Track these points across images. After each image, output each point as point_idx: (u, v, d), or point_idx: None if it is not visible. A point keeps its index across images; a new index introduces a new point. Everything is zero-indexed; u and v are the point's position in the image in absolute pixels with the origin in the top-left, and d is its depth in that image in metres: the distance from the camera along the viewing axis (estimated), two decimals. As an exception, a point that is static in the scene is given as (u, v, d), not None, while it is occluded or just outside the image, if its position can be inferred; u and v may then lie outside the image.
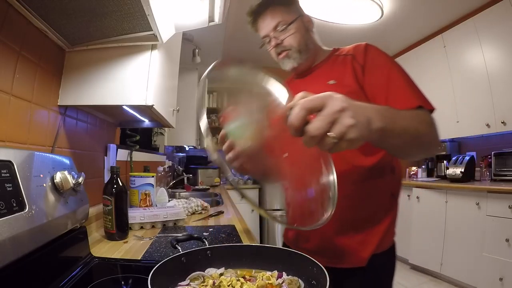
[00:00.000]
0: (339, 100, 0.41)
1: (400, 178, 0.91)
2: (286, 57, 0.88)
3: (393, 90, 0.73)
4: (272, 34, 0.87)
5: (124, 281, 0.74)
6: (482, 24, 2.60)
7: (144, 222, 1.21)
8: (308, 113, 0.41)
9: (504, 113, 2.44)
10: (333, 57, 0.89)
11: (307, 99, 0.41)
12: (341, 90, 0.76)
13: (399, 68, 0.77)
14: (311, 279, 0.54)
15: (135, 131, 1.64)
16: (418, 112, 0.65)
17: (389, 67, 0.76)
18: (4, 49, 0.67)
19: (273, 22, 0.86)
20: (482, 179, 2.68)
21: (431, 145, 0.64)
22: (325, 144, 0.40)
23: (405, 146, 0.57)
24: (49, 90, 0.87)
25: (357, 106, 0.43)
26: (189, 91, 3.15)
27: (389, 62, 0.78)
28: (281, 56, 0.88)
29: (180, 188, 2.79)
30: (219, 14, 0.96)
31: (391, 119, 0.50)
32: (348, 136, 0.40)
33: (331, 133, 0.39)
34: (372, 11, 2.77)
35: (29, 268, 0.57)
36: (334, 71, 0.85)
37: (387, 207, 0.84)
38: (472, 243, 2.33)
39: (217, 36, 2.64)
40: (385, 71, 0.76)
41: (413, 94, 0.71)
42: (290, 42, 0.86)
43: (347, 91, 0.75)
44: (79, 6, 0.71)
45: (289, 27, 0.85)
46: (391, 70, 0.76)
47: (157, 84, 0.99)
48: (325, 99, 0.41)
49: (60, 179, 0.69)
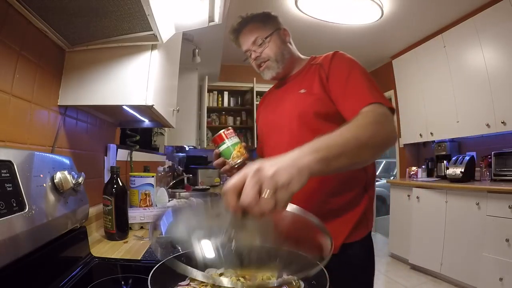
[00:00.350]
0: (256, 168, 0.43)
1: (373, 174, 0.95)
2: (266, 68, 0.98)
3: (349, 93, 0.80)
4: (252, 48, 0.98)
5: (124, 281, 0.74)
6: (482, 24, 2.60)
7: (144, 222, 1.21)
8: (236, 194, 0.42)
9: (504, 113, 2.44)
10: (307, 66, 0.97)
11: (230, 183, 0.43)
12: (310, 98, 0.89)
13: (358, 72, 0.82)
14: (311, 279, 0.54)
15: (135, 131, 1.64)
16: (362, 115, 0.68)
17: (348, 72, 0.83)
18: (4, 49, 0.67)
19: (251, 38, 0.97)
20: (482, 179, 2.68)
21: (384, 142, 0.64)
22: (266, 205, 0.41)
23: (354, 158, 0.57)
24: (49, 90, 0.87)
25: (282, 162, 0.45)
26: (189, 91, 3.15)
27: (349, 67, 0.84)
28: (261, 68, 0.99)
29: (180, 188, 2.79)
30: (219, 14, 0.96)
31: (326, 147, 0.51)
32: (280, 195, 0.42)
33: (265, 192, 0.41)
34: (372, 11, 2.77)
35: (29, 268, 0.57)
36: (305, 80, 0.94)
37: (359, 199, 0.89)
38: (472, 243, 2.33)
39: (217, 36, 2.64)
40: (344, 76, 0.83)
41: (367, 93, 0.76)
42: (268, 53, 0.96)
43: (314, 99, 0.88)
44: (79, 6, 0.71)
45: (266, 40, 0.96)
46: (350, 74, 0.82)
47: (157, 84, 0.99)
48: (245, 173, 0.43)
49: (60, 179, 0.69)
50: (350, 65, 0.85)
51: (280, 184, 0.42)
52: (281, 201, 0.42)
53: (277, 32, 0.99)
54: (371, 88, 0.79)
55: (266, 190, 0.41)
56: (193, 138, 3.16)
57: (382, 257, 3.42)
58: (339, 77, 0.84)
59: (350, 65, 0.85)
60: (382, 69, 4.15)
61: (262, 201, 0.41)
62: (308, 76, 0.94)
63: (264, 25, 0.98)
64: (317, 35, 3.26)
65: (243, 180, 0.42)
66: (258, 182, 0.41)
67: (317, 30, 3.14)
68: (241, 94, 4.47)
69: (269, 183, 0.41)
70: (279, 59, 0.97)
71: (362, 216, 0.88)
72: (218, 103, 4.30)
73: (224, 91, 4.33)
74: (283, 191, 0.42)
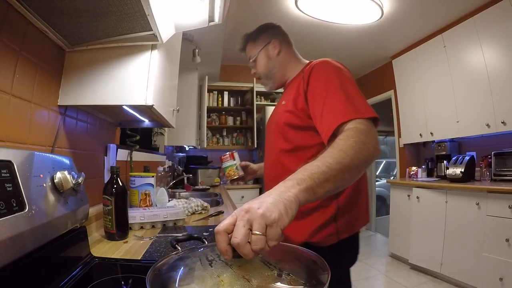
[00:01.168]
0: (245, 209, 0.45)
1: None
2: (261, 83, 1.13)
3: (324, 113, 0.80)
4: (250, 65, 1.13)
5: (124, 281, 0.74)
6: (482, 24, 2.60)
7: (144, 222, 1.21)
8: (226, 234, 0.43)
9: (504, 113, 2.44)
10: (298, 75, 1.01)
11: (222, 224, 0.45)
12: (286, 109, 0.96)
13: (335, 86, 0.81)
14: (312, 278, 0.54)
15: (135, 131, 1.64)
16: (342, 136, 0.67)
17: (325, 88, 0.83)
18: (4, 49, 0.67)
19: (248, 56, 1.12)
20: (482, 179, 2.68)
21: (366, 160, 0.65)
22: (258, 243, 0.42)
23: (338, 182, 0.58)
24: (49, 90, 0.87)
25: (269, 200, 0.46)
26: (189, 91, 3.15)
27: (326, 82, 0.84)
28: (260, 82, 1.14)
29: (180, 188, 2.79)
30: (219, 14, 0.96)
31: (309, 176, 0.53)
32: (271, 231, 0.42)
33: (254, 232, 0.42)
34: (372, 11, 2.76)
35: (29, 268, 0.57)
36: (288, 92, 1.01)
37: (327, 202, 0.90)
38: (472, 243, 2.33)
39: (217, 36, 2.64)
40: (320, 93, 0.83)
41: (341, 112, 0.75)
42: (258, 71, 1.10)
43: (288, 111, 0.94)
44: (79, 6, 0.71)
45: (255, 59, 1.09)
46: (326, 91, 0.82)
47: (157, 84, 0.99)
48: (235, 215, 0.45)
49: (60, 179, 0.69)
50: (328, 78, 0.84)
51: (269, 221, 0.43)
52: (272, 237, 0.43)
53: (265, 48, 1.07)
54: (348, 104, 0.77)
55: (257, 229, 0.42)
56: (193, 138, 3.16)
57: (382, 257, 3.42)
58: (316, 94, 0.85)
59: (327, 79, 0.84)
60: (382, 69, 4.15)
61: (253, 239, 0.41)
62: (292, 87, 0.99)
63: (255, 44, 1.09)
64: (317, 35, 3.26)
65: (233, 221, 0.44)
66: (248, 221, 0.42)
67: (317, 30, 3.14)
68: (241, 94, 4.47)
69: (259, 222, 0.42)
70: (267, 75, 1.08)
71: (329, 220, 0.89)
72: (218, 103, 4.30)
73: (224, 91, 4.33)
74: (274, 228, 0.43)
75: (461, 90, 2.85)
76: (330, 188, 0.56)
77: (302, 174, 0.54)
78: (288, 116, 0.94)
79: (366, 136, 0.68)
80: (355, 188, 0.93)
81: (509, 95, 2.41)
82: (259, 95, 4.27)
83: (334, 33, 3.20)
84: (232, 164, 1.20)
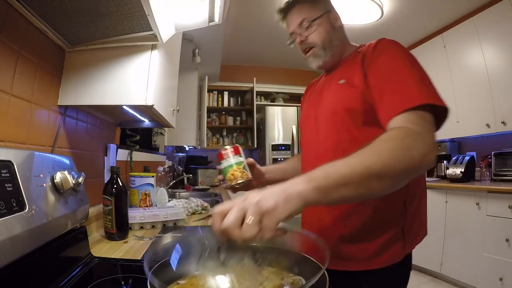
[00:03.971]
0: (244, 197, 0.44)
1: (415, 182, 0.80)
2: (312, 55, 0.87)
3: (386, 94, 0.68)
4: (298, 31, 0.87)
5: (124, 281, 0.74)
6: (482, 24, 2.60)
7: (144, 222, 1.21)
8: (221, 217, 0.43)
9: (504, 113, 2.44)
10: (354, 54, 0.86)
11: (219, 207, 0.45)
12: (348, 90, 0.79)
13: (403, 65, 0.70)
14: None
15: (135, 131, 1.64)
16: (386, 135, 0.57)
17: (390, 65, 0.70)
18: (4, 49, 0.67)
19: (298, 19, 0.87)
20: (482, 179, 2.68)
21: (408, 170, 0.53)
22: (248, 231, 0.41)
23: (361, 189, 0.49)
24: (49, 90, 0.87)
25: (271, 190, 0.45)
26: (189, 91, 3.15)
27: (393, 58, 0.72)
28: (308, 54, 0.88)
29: (180, 188, 2.79)
30: (219, 14, 0.96)
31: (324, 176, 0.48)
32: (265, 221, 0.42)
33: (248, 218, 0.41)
34: (372, 11, 2.76)
35: (29, 268, 0.57)
36: (347, 69, 0.83)
37: (396, 216, 0.77)
38: (472, 243, 2.33)
39: (217, 36, 2.64)
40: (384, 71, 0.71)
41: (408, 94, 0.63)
42: (314, 39, 0.86)
43: (353, 91, 0.77)
44: (79, 6, 0.71)
45: (313, 24, 0.85)
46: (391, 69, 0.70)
47: (157, 84, 0.99)
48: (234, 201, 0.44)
49: (60, 179, 0.69)
50: (394, 56, 0.72)
51: (263, 210, 0.42)
52: (266, 227, 0.42)
53: (327, 14, 0.87)
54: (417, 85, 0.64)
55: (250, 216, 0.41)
56: (193, 138, 3.15)
57: (382, 257, 3.41)
58: (379, 71, 0.72)
59: (394, 56, 0.72)
60: (382, 69, 4.15)
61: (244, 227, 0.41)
62: (351, 66, 0.82)
63: (313, 6, 0.87)
64: (317, 35, 3.26)
65: (230, 207, 0.44)
66: (243, 209, 0.42)
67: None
68: (241, 94, 4.47)
69: (252, 209, 0.42)
70: (327, 46, 0.86)
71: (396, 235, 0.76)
72: (218, 103, 4.30)
73: (224, 91, 4.33)
74: (268, 218, 0.42)
75: (461, 90, 2.84)
76: (349, 194, 0.48)
77: (318, 172, 0.48)
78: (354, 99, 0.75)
79: (415, 140, 0.55)
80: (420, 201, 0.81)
81: (509, 95, 2.41)
82: (259, 95, 4.27)
83: (334, 33, 3.20)
84: (238, 162, 0.80)
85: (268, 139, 3.75)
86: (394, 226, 0.76)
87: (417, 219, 0.81)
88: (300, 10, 0.87)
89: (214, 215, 0.44)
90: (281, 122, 3.76)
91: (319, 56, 0.87)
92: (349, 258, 0.77)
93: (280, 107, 3.86)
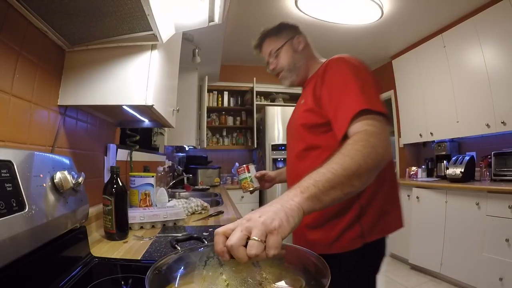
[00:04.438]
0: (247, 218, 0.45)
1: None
2: (282, 77, 1.08)
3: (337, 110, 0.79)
4: (270, 60, 1.08)
5: (124, 281, 0.74)
6: (482, 24, 2.60)
7: (144, 222, 1.21)
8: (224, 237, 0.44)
9: (504, 113, 2.44)
10: (316, 74, 0.98)
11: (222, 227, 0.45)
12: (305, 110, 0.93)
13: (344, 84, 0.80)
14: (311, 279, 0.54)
15: (135, 131, 1.64)
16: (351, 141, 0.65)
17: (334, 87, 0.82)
18: (4, 49, 0.67)
19: (268, 50, 1.08)
20: (482, 179, 2.68)
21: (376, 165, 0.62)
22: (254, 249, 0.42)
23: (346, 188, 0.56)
24: (49, 90, 0.87)
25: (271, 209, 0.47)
26: (189, 91, 3.16)
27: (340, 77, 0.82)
28: (279, 77, 1.09)
29: (180, 188, 2.79)
30: (219, 14, 0.96)
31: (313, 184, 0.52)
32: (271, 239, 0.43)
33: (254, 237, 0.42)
34: (372, 11, 2.76)
35: (29, 268, 0.57)
36: (307, 90, 0.98)
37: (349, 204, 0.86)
38: (472, 243, 2.33)
39: (217, 36, 2.64)
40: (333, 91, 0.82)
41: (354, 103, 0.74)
42: (281, 64, 1.05)
43: (309, 111, 0.91)
44: (79, 6, 0.71)
45: (278, 52, 1.05)
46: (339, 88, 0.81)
47: (157, 84, 0.99)
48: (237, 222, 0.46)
49: (60, 179, 0.69)
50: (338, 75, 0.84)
51: (270, 229, 0.43)
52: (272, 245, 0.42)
53: (290, 42, 1.04)
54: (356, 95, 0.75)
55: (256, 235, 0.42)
56: (193, 138, 3.16)
57: (382, 257, 3.41)
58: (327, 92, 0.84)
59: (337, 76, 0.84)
60: (382, 69, 4.15)
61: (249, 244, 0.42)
62: (310, 85, 0.96)
63: (277, 38, 1.06)
64: (317, 35, 3.24)
65: (234, 227, 0.44)
66: (247, 228, 0.43)
67: (317, 30, 3.13)
68: (241, 94, 4.47)
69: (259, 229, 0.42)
70: (291, 68, 1.04)
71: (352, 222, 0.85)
72: (218, 103, 4.30)
73: (224, 91, 4.33)
74: (274, 236, 0.43)
75: (461, 90, 2.85)
76: (337, 195, 0.55)
77: (307, 182, 0.53)
78: (308, 116, 0.92)
79: (376, 138, 0.65)
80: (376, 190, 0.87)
81: (509, 95, 2.41)
82: (259, 95, 4.27)
83: (334, 33, 3.20)
84: (247, 177, 1.24)
85: (268, 139, 3.75)
86: (348, 214, 0.85)
87: (374, 207, 0.87)
88: (268, 43, 1.08)
89: (217, 235, 0.44)
90: (281, 122, 3.76)
91: (286, 78, 1.07)
92: (314, 243, 0.89)
93: (280, 107, 3.86)
